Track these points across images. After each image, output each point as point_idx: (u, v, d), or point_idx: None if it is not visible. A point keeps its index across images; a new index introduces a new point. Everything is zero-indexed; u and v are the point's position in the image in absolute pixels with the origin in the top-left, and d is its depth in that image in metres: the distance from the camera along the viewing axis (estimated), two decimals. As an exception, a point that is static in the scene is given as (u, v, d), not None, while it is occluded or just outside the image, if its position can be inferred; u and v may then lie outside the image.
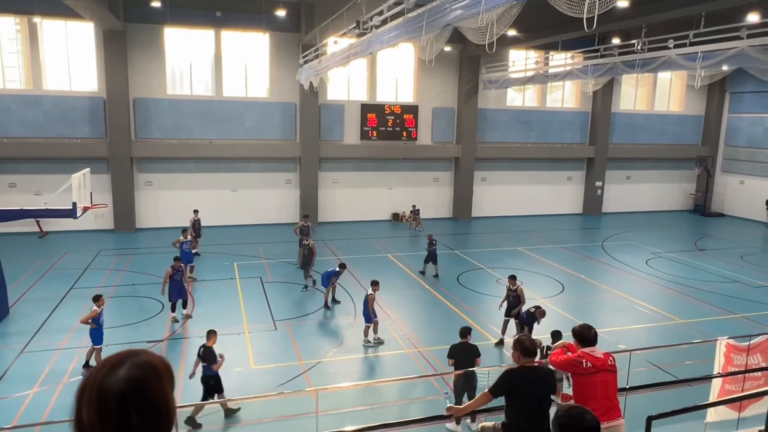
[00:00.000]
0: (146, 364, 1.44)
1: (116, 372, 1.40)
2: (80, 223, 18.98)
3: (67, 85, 22.87)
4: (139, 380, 1.40)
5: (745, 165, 30.13)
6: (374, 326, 12.80)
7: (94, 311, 11.14)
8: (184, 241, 16.75)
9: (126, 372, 1.40)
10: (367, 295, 12.81)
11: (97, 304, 11.24)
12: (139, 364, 1.43)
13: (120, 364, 1.42)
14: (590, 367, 5.24)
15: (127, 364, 1.42)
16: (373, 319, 12.73)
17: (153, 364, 1.45)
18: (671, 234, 25.91)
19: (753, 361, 7.93)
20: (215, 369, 9.51)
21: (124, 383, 1.39)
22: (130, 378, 1.39)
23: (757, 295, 16.94)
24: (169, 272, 13.74)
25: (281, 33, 24.35)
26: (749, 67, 18.56)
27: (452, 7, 9.28)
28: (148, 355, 1.48)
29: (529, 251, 21.75)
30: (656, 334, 13.93)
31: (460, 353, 9.71)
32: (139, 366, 1.43)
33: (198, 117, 24.06)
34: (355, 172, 26.69)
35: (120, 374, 1.40)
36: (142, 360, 1.45)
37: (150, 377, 1.42)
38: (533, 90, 28.91)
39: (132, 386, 1.39)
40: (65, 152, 22.26)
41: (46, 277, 17.26)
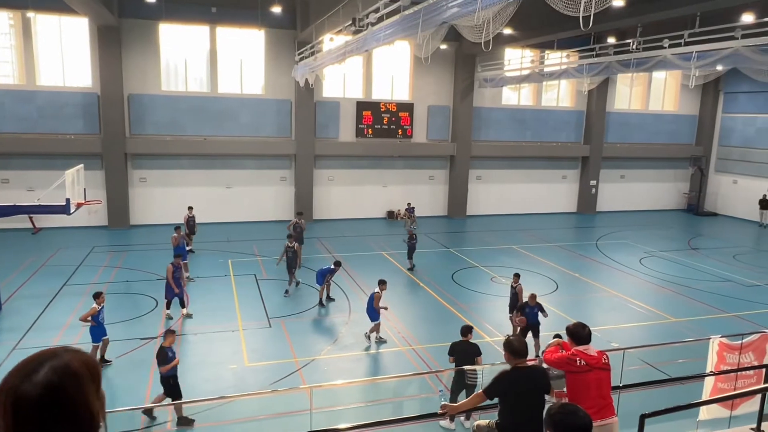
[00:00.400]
0: (64, 368, 1.37)
1: (32, 378, 1.34)
2: (74, 219, 18.90)
3: (60, 81, 22.72)
4: (56, 386, 1.34)
5: (739, 165, 30.29)
6: (376, 326, 12.76)
7: (93, 309, 11.08)
8: (179, 239, 16.81)
9: (42, 377, 1.34)
10: (374, 293, 12.73)
11: (97, 301, 11.18)
12: (56, 368, 1.36)
13: (37, 368, 1.36)
14: (584, 365, 5.25)
15: (44, 369, 1.35)
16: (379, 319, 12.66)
17: (71, 367, 1.38)
18: (665, 233, 26.03)
19: (745, 360, 7.98)
20: (163, 371, 9.25)
21: (40, 389, 1.32)
22: (46, 384, 1.33)
23: (750, 294, 17.05)
24: (171, 269, 13.67)
25: (277, 30, 24.28)
26: (743, 68, 18.64)
27: (448, 5, 9.28)
28: (68, 356, 1.40)
29: (523, 249, 21.81)
30: (649, 333, 13.99)
31: (460, 351, 9.70)
32: (56, 370, 1.36)
33: (193, 113, 23.96)
34: (351, 169, 26.67)
35: (36, 380, 1.33)
36: (60, 363, 1.38)
37: (68, 382, 1.36)
38: (529, 89, 28.95)
39: (48, 393, 1.33)
40: (59, 148, 22.13)
41: (38, 273, 17.17)
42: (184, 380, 9.93)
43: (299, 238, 18.95)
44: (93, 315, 11.04)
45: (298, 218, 19.66)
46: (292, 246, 16.08)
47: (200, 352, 12.30)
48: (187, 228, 19.41)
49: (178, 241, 16.80)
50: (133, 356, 11.79)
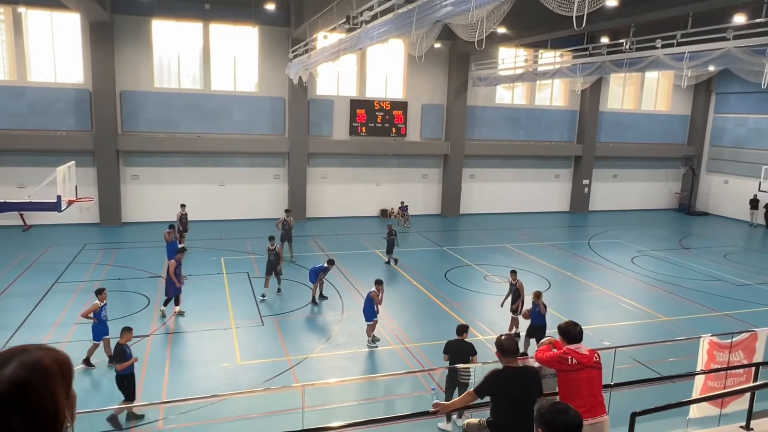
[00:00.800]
0: (33, 364, 1.36)
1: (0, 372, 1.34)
2: (65, 216, 18.80)
3: (52, 77, 22.55)
4: (22, 381, 1.33)
5: (730, 165, 30.51)
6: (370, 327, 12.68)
7: (94, 305, 11.00)
8: (172, 237, 16.72)
9: (10, 372, 1.34)
10: (370, 293, 12.63)
11: (99, 297, 11.10)
12: (26, 364, 1.36)
13: (6, 363, 1.35)
14: (575, 363, 5.27)
15: (13, 364, 1.35)
16: (374, 319, 12.60)
17: (41, 363, 1.37)
18: (656, 232, 26.18)
19: (735, 359, 8.04)
20: (119, 369, 9.17)
21: (5, 384, 1.32)
22: (12, 379, 1.33)
23: (740, 293, 17.18)
24: (174, 265, 13.60)
25: (270, 27, 24.19)
26: (735, 68, 18.76)
27: (442, 4, 9.28)
28: (40, 353, 1.40)
29: (516, 248, 21.87)
30: (640, 331, 14.08)
31: (455, 350, 9.70)
32: (25, 366, 1.35)
33: (185, 110, 23.85)
34: (344, 167, 26.64)
35: (3, 374, 1.33)
36: (29, 359, 1.37)
37: (36, 378, 1.35)
38: (522, 88, 29.01)
39: (13, 388, 1.32)
40: (50, 145, 21.97)
41: (29, 271, 17.04)
42: (177, 378, 9.90)
43: (288, 235, 19.05)
44: (95, 312, 10.95)
45: (286, 215, 19.63)
46: (273, 248, 15.55)
47: (192, 350, 12.26)
48: (180, 226, 19.34)
49: (171, 237, 16.70)
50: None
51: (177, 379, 10.93)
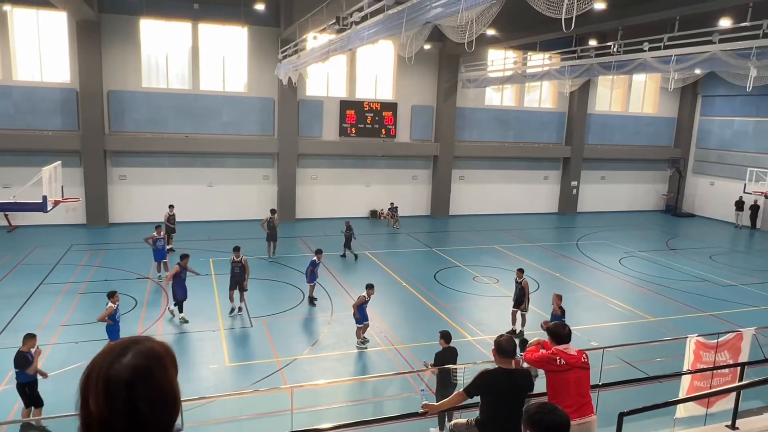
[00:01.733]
0: (150, 352, 1.43)
1: (120, 360, 1.38)
2: (51, 217, 18.56)
3: (38, 76, 22.30)
4: (144, 368, 1.39)
5: (716, 167, 30.86)
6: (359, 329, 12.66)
7: (109, 308, 10.99)
8: (158, 237, 16.50)
9: (131, 360, 1.39)
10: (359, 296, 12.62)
11: (112, 300, 11.07)
12: (143, 352, 1.42)
13: (124, 352, 1.40)
14: (564, 364, 5.31)
15: (131, 352, 1.40)
16: (364, 322, 12.58)
17: (156, 351, 1.44)
18: (644, 233, 26.41)
19: (721, 359, 8.13)
20: (30, 372, 8.90)
21: (130, 371, 1.37)
22: (135, 366, 1.38)
23: (725, 293, 17.37)
24: (177, 270, 13.47)
25: (260, 27, 24.10)
26: (720, 71, 18.98)
27: (432, 5, 9.30)
28: (150, 342, 1.46)
29: (505, 249, 21.96)
30: (628, 332, 14.19)
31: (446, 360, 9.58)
32: (143, 354, 1.41)
33: (174, 111, 23.68)
34: (334, 168, 26.60)
35: (125, 362, 1.38)
36: (145, 348, 1.43)
37: (155, 365, 1.42)
38: (511, 90, 29.16)
39: (138, 375, 1.38)
40: (36, 144, 21.72)
41: (14, 272, 16.83)
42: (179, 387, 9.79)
43: (273, 235, 19.15)
44: (110, 314, 10.95)
45: (271, 215, 19.63)
46: (239, 260, 14.32)
47: (180, 351, 12.16)
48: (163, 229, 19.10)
49: (154, 239, 16.42)
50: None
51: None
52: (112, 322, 11.01)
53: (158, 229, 16.86)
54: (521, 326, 13.49)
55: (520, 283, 13.46)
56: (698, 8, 15.09)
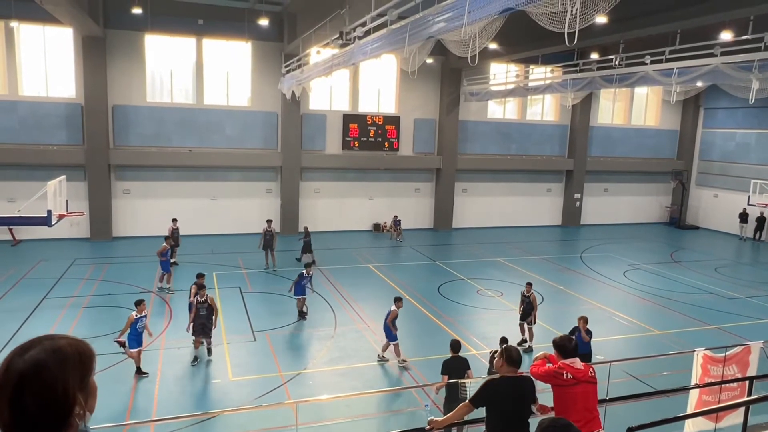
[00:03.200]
0: (54, 349, 1.47)
1: (24, 354, 1.46)
2: (55, 231, 18.58)
3: (44, 91, 22.48)
4: (40, 363, 1.44)
5: (719, 179, 30.82)
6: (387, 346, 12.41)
7: (130, 318, 11.25)
8: (167, 249, 16.68)
9: (32, 354, 1.45)
10: (390, 311, 12.41)
11: (138, 309, 11.34)
12: (47, 348, 1.47)
13: (32, 346, 1.47)
14: (571, 378, 5.26)
15: (37, 347, 1.47)
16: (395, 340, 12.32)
17: (61, 349, 1.48)
18: (648, 246, 26.31)
19: (729, 372, 8.05)
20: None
21: (25, 364, 1.43)
22: (32, 360, 1.44)
23: (731, 306, 17.25)
24: (194, 290, 13.06)
25: (264, 42, 24.31)
26: (722, 84, 19.05)
27: (435, 20, 9.36)
28: (63, 341, 1.50)
29: (509, 262, 21.89)
30: (634, 345, 14.08)
31: (453, 368, 9.50)
32: (46, 349, 1.46)
33: (178, 125, 23.82)
34: (337, 182, 26.64)
35: (26, 356, 1.45)
36: (52, 344, 1.48)
37: (53, 361, 1.45)
38: (514, 103, 29.27)
39: (32, 369, 1.43)
40: (41, 159, 21.83)
41: (18, 286, 16.84)
42: (169, 395, 9.74)
43: (270, 245, 19.58)
44: (132, 322, 11.15)
45: (268, 225, 19.97)
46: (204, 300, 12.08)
47: (183, 366, 12.10)
48: (172, 240, 19.21)
49: (164, 250, 16.59)
50: (114, 371, 11.57)
51: (168, 396, 10.79)
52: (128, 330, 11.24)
53: (168, 240, 17.00)
54: (529, 340, 13.41)
55: (528, 297, 13.43)
56: (699, 22, 15.16)
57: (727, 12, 13.57)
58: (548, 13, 6.94)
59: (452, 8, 8.66)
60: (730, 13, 13.53)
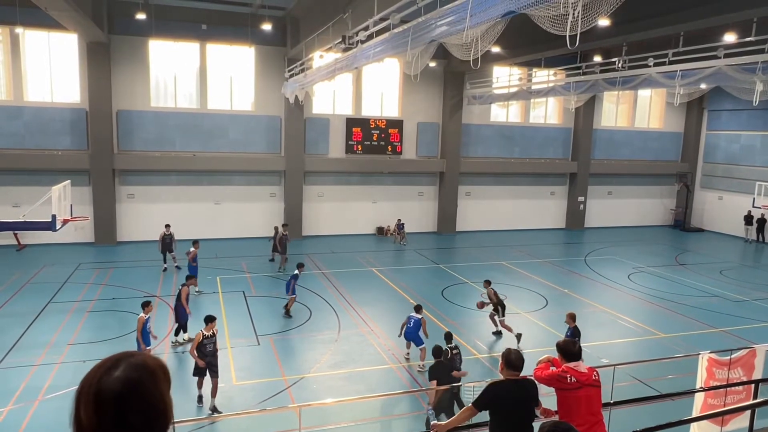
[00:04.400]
0: (141, 365, 1.47)
1: (112, 373, 1.43)
2: (60, 235, 18.65)
3: (48, 97, 22.61)
4: (135, 381, 1.43)
5: (723, 181, 30.72)
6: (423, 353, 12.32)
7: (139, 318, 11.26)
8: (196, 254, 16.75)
9: (122, 373, 1.43)
10: (419, 319, 12.49)
11: (144, 310, 11.29)
12: (134, 365, 1.46)
13: (116, 365, 1.45)
14: (575, 382, 5.24)
15: (122, 365, 1.45)
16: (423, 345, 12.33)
17: (147, 364, 1.49)
18: (652, 249, 26.22)
19: (734, 375, 8.00)
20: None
21: (120, 384, 1.42)
22: (126, 379, 1.43)
23: (737, 309, 17.17)
24: (186, 292, 13.37)
25: (267, 47, 24.39)
26: (726, 86, 19.00)
27: (437, 24, 9.38)
28: (142, 356, 1.51)
29: (512, 265, 21.84)
30: (639, 348, 14.02)
31: (442, 373, 9.59)
32: (135, 367, 1.46)
33: (182, 130, 23.91)
34: (340, 185, 26.67)
35: (116, 375, 1.43)
36: (137, 361, 1.48)
37: (145, 377, 1.46)
38: (517, 106, 29.25)
39: (128, 387, 1.42)
40: (46, 164, 21.94)
41: (23, 291, 16.90)
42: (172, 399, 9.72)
43: (284, 248, 20.05)
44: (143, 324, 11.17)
45: (283, 229, 20.51)
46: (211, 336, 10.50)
47: (187, 370, 12.10)
48: (163, 246, 19.16)
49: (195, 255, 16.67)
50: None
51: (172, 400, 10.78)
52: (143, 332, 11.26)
53: (196, 244, 16.92)
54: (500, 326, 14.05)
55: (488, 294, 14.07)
56: (702, 24, 15.12)
57: (730, 14, 13.53)
58: (550, 16, 6.95)
59: (454, 12, 8.68)
60: (733, 15, 13.48)
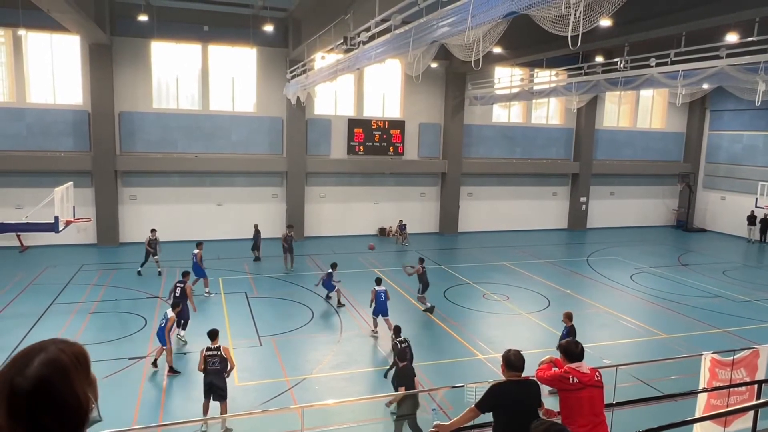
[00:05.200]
0: (53, 361, 1.44)
1: (24, 372, 1.42)
2: (62, 237, 18.71)
3: (51, 98, 22.66)
4: (46, 379, 1.41)
5: (726, 181, 30.65)
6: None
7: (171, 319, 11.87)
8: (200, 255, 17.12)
9: (33, 371, 1.42)
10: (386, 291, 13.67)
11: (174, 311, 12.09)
12: (46, 362, 1.44)
13: (28, 362, 1.44)
14: (577, 382, 5.23)
15: (35, 362, 1.43)
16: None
17: (60, 360, 1.45)
18: (655, 249, 26.17)
19: (737, 376, 7.98)
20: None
21: (31, 383, 1.40)
22: (37, 377, 1.41)
23: (740, 309, 17.12)
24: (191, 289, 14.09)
25: (269, 48, 24.42)
26: (728, 86, 18.95)
27: (439, 25, 9.39)
28: (56, 349, 1.47)
29: (515, 266, 21.82)
30: (641, 349, 13.99)
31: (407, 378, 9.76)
32: (46, 364, 1.43)
33: (184, 131, 23.95)
34: (342, 186, 26.69)
35: (27, 374, 1.41)
36: (49, 357, 1.45)
37: (56, 375, 1.43)
38: (518, 106, 29.23)
39: (38, 386, 1.40)
40: (48, 165, 21.99)
41: (25, 292, 16.93)
42: (173, 401, 9.75)
43: (291, 248, 20.37)
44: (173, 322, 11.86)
45: (288, 231, 20.75)
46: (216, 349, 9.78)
47: (189, 371, 12.12)
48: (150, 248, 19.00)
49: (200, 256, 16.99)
50: (121, 376, 11.60)
51: (173, 402, 10.81)
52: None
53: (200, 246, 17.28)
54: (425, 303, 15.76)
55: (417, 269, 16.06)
56: (704, 24, 15.10)
57: (732, 14, 13.51)
58: (552, 16, 6.94)
59: (456, 12, 8.68)
60: (735, 15, 13.46)
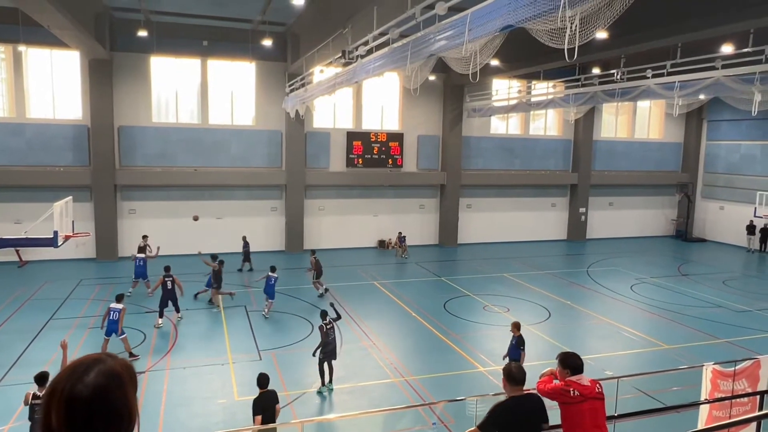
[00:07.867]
0: (110, 372, 1.56)
1: (83, 380, 1.52)
2: (61, 252, 18.63)
3: (51, 113, 22.75)
4: (103, 387, 1.52)
5: (724, 191, 30.72)
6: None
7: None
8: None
9: (93, 379, 1.52)
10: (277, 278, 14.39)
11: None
12: (104, 372, 1.55)
13: (87, 371, 1.54)
14: (578, 395, 5.20)
15: (93, 372, 1.54)
16: None
17: (116, 371, 1.58)
18: (654, 259, 26.16)
19: (739, 387, 7.94)
20: None
21: (90, 390, 1.51)
22: (96, 385, 1.52)
23: (740, 319, 17.08)
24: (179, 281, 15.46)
25: (267, 62, 24.57)
26: (725, 96, 19.10)
27: (436, 38, 9.46)
28: (112, 362, 1.60)
29: (514, 277, 21.79)
30: (642, 360, 13.93)
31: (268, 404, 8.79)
32: (104, 374, 1.55)
33: (183, 145, 24.01)
34: (341, 199, 26.71)
35: (87, 382, 1.52)
36: (106, 367, 1.57)
37: (113, 384, 1.55)
38: (516, 118, 29.37)
39: (97, 393, 1.51)
40: (48, 180, 22.01)
41: (24, 307, 16.87)
42: (173, 415, 9.67)
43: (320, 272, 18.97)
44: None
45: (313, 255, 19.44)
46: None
47: (189, 386, 12.05)
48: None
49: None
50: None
51: (173, 417, 10.73)
52: None
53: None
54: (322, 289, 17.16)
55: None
56: (700, 35, 15.24)
57: (727, 25, 13.64)
58: (548, 29, 7.00)
59: (453, 26, 8.76)
60: (730, 26, 13.58)
